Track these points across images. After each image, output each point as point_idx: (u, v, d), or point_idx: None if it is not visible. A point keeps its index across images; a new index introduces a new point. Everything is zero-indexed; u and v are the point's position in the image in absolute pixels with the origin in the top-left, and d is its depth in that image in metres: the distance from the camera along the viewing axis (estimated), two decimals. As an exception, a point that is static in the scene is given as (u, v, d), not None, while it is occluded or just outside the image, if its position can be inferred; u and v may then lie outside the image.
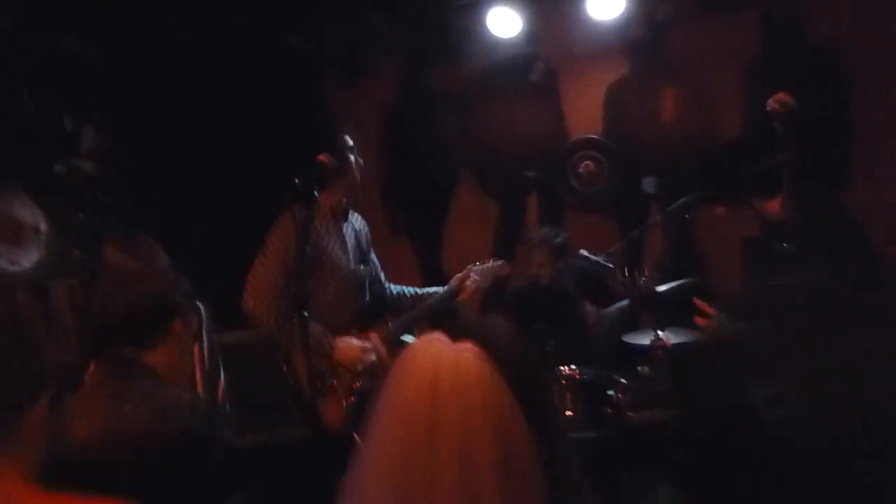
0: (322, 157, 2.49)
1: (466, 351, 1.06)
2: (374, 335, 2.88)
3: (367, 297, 2.94)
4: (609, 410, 2.98)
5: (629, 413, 2.96)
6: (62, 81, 4.13)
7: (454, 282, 3.09)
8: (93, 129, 4.26)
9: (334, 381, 2.82)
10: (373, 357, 2.83)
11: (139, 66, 4.46)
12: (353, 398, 2.81)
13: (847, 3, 4.08)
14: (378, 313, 2.95)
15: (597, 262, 3.66)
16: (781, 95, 2.20)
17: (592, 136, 4.71)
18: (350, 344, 2.86)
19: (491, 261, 3.23)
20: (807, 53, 4.25)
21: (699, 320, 2.61)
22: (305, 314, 2.41)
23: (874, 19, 4.03)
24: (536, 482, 1.02)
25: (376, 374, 2.81)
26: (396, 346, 2.84)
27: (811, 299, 2.12)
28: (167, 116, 4.65)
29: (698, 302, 2.58)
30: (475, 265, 3.18)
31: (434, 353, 1.08)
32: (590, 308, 3.82)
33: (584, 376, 3.09)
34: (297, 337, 2.59)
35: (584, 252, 3.73)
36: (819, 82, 4.09)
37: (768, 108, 2.21)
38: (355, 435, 1.16)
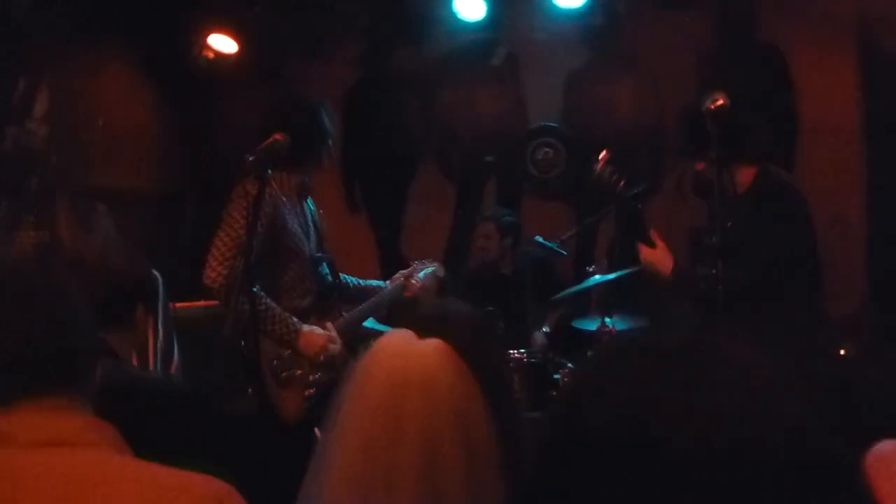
0: (277, 136, 2.47)
1: (434, 348, 1.07)
2: (330, 325, 2.80)
3: (326, 285, 2.86)
4: (554, 393, 3.08)
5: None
6: (15, 42, 4.02)
7: (400, 278, 3.01)
8: (47, 91, 4.17)
9: (297, 371, 2.71)
10: (336, 348, 2.74)
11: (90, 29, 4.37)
12: (312, 390, 2.71)
13: (795, 6, 4.21)
14: (331, 303, 2.89)
15: (551, 249, 3.75)
16: (717, 96, 2.29)
17: (551, 123, 4.78)
18: (314, 333, 2.72)
19: (428, 262, 3.11)
20: (757, 50, 4.39)
21: (644, 249, 2.68)
22: (258, 292, 2.39)
23: (820, 20, 4.18)
24: (498, 481, 1.04)
25: (335, 366, 2.73)
26: (350, 338, 2.79)
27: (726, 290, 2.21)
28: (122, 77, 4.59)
29: (654, 233, 2.64)
30: (418, 263, 3.10)
31: (402, 350, 1.08)
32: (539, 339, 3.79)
33: (532, 360, 3.18)
34: (251, 318, 2.49)
35: (538, 238, 3.82)
36: (767, 78, 4.25)
37: (703, 110, 2.29)
38: (316, 430, 1.18)
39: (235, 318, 2.60)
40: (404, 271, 3.05)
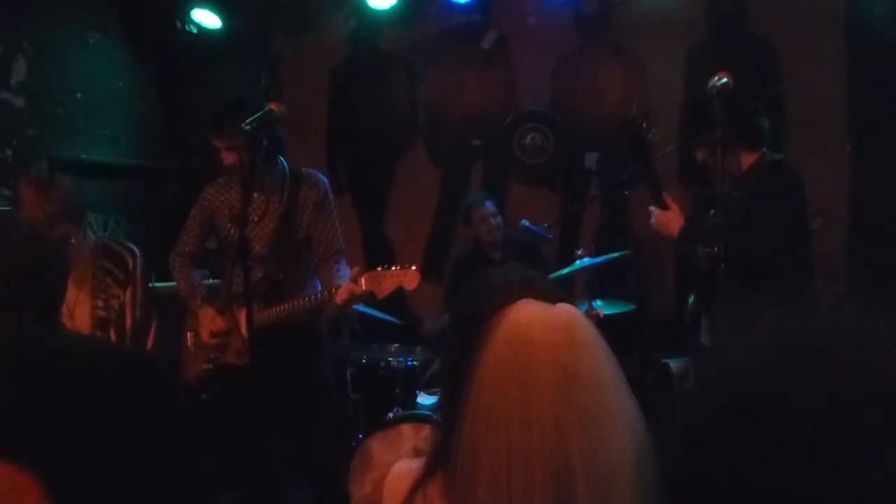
0: (272, 105, 2.43)
1: (578, 313, 1.07)
2: (243, 314, 2.70)
3: (264, 276, 2.90)
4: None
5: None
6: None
7: (334, 289, 2.79)
8: (24, 61, 4.06)
9: (202, 342, 2.95)
10: (220, 335, 2.91)
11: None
12: (207, 366, 2.93)
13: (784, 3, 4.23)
14: (275, 295, 2.89)
15: (537, 233, 3.74)
16: (722, 75, 2.30)
17: (539, 108, 4.76)
18: (206, 314, 2.94)
19: (384, 269, 2.68)
20: (746, 41, 4.40)
21: (657, 212, 2.71)
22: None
23: (809, 13, 4.21)
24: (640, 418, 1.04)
25: (232, 351, 2.90)
26: (270, 330, 2.77)
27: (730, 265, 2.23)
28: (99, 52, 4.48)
29: (667, 198, 2.68)
30: (373, 271, 2.72)
31: (544, 316, 1.04)
32: None
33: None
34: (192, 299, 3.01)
35: (525, 222, 3.79)
36: (756, 65, 4.27)
37: (708, 87, 2.30)
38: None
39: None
40: (347, 285, 2.75)
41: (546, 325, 1.02)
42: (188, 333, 3.01)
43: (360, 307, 3.25)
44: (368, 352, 3.68)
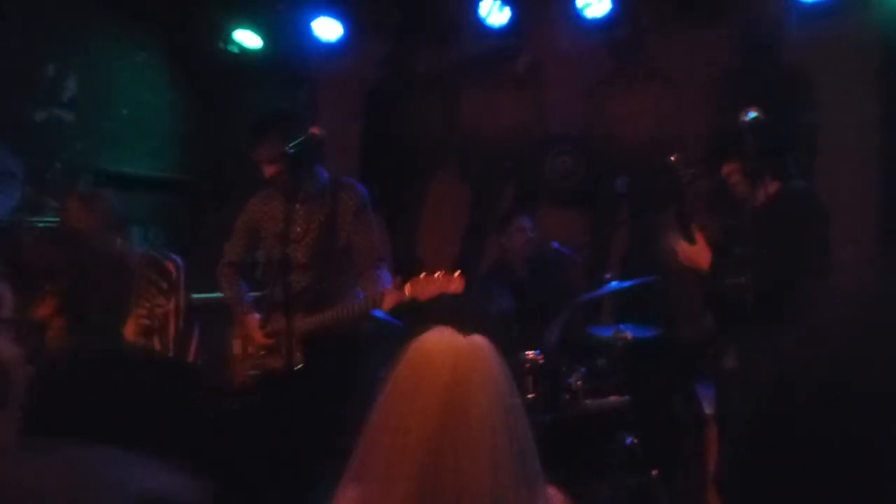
0: (314, 129, 2.54)
1: (484, 345, 1.11)
2: (289, 322, 2.86)
3: (308, 284, 2.95)
4: (567, 396, 3.11)
5: (586, 400, 3.11)
6: (46, 29, 4.09)
7: (378, 296, 2.85)
8: (74, 77, 4.23)
9: (251, 350, 3.03)
10: (271, 341, 2.97)
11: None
12: (254, 372, 3.01)
13: (821, 28, 4.25)
14: (319, 303, 2.94)
15: (566, 255, 3.79)
16: (752, 109, 2.35)
17: (570, 131, 4.82)
18: (252, 323, 3.00)
19: (428, 275, 2.73)
20: (780, 69, 4.43)
21: (683, 245, 2.75)
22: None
23: (844, 43, 4.23)
24: (541, 473, 1.09)
25: (280, 357, 2.94)
26: (311, 339, 2.89)
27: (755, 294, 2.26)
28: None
29: (696, 232, 2.71)
30: (416, 278, 2.77)
31: (455, 347, 1.11)
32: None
33: (546, 362, 3.22)
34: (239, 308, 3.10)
35: (555, 244, 3.85)
36: (789, 93, 4.30)
37: (740, 120, 2.36)
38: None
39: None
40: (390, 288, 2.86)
41: (446, 354, 1.09)
42: (236, 341, 3.07)
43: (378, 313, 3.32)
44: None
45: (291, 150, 2.42)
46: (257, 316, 3.01)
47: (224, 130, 5.06)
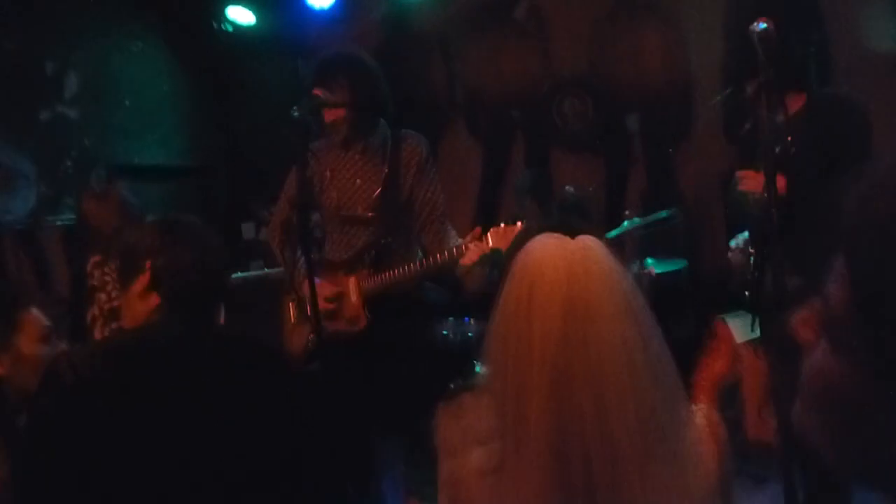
0: (316, 91, 2.49)
1: (597, 243, 1.06)
2: (352, 281, 2.76)
3: (372, 240, 2.77)
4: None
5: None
6: (41, 28, 4.07)
7: (461, 244, 2.64)
8: (75, 74, 4.22)
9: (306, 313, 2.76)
10: (330, 306, 2.74)
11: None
12: (311, 335, 2.74)
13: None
14: (383, 260, 2.75)
15: (583, 196, 3.75)
16: (761, 20, 2.25)
17: (576, 74, 4.74)
18: (318, 286, 2.65)
19: (508, 224, 2.53)
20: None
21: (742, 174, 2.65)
22: (306, 248, 2.42)
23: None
24: (671, 362, 1.03)
25: (342, 319, 2.77)
26: (381, 298, 2.71)
27: None
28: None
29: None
30: (496, 227, 2.55)
31: (558, 248, 1.04)
32: None
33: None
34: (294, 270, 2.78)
35: (569, 188, 3.81)
36: (798, 9, 4.15)
37: (749, 31, 2.26)
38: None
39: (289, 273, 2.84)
40: (470, 237, 2.63)
41: (558, 259, 1.02)
42: (289, 304, 2.91)
43: None
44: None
45: (295, 114, 2.33)
46: (314, 278, 2.74)
47: (229, 111, 5.06)
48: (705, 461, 1.07)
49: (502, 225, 2.46)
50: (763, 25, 2.12)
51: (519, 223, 2.42)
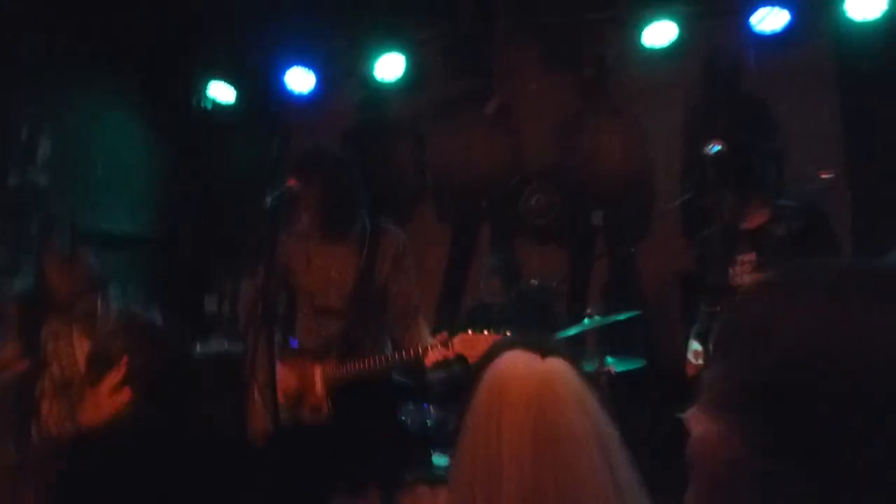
0: (291, 181, 2.52)
1: (569, 366, 1.06)
2: (318, 370, 2.77)
3: (342, 331, 2.78)
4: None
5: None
6: (17, 91, 4.10)
7: (421, 350, 2.69)
8: (48, 139, 4.23)
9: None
10: (293, 391, 2.77)
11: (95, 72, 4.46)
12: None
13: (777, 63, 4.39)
14: (351, 351, 2.76)
15: (545, 291, 3.82)
16: (715, 142, 2.41)
17: (544, 168, 4.90)
18: (282, 373, 2.73)
19: (476, 332, 2.56)
20: (742, 98, 4.56)
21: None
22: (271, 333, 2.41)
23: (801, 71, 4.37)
24: (641, 489, 1.02)
25: (306, 407, 2.77)
26: (340, 387, 2.74)
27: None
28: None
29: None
30: (464, 333, 2.60)
31: (527, 366, 1.05)
32: None
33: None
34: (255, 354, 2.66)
35: (534, 281, 3.89)
36: (751, 127, 4.42)
37: (703, 153, 2.41)
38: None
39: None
40: (432, 344, 2.69)
41: (525, 377, 1.03)
42: (256, 389, 2.85)
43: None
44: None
45: (270, 203, 2.38)
46: (281, 365, 2.77)
47: (200, 184, 5.08)
48: None
49: (470, 331, 2.50)
50: (717, 148, 2.25)
51: (486, 331, 2.47)
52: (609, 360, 3.25)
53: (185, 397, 1.55)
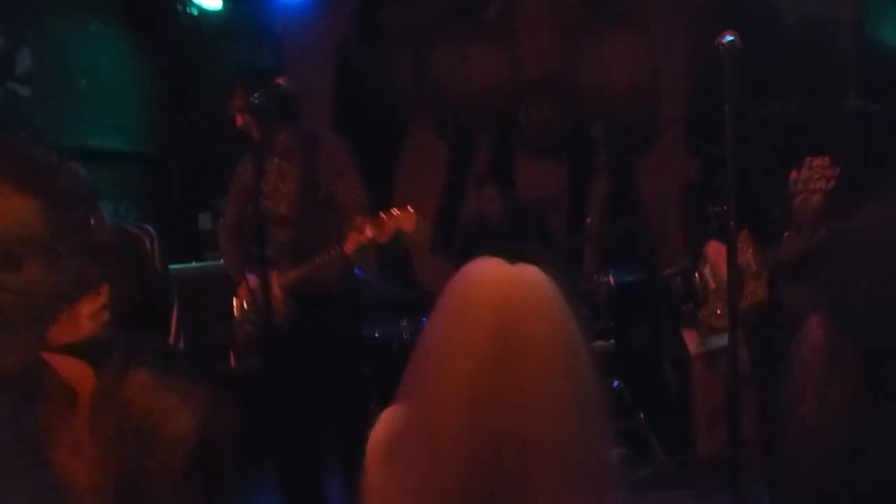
0: (280, 79, 2.51)
1: (538, 274, 1.00)
2: (273, 276, 2.90)
3: (289, 238, 2.95)
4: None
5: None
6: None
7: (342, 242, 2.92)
8: (28, 50, 4.07)
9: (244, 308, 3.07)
10: (251, 299, 3.00)
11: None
12: (250, 327, 3.06)
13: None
14: (301, 257, 2.92)
15: (543, 206, 3.75)
16: (727, 33, 2.23)
17: (544, 79, 4.74)
18: (249, 282, 3.04)
19: (398, 210, 2.84)
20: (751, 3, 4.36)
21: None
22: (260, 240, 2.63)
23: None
24: (603, 404, 0.99)
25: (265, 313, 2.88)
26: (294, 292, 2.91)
27: None
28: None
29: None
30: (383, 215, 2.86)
31: (495, 272, 1.00)
32: None
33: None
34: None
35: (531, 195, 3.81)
36: (762, 31, 4.22)
37: (715, 45, 2.24)
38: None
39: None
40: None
41: (491, 283, 0.99)
42: (235, 301, 3.13)
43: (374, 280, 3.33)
44: (381, 327, 3.72)
45: (256, 101, 2.40)
46: (250, 275, 3.03)
47: (190, 98, 4.93)
48: None
49: (381, 215, 2.73)
50: (730, 38, 2.11)
51: (408, 207, 2.72)
52: (606, 271, 3.21)
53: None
